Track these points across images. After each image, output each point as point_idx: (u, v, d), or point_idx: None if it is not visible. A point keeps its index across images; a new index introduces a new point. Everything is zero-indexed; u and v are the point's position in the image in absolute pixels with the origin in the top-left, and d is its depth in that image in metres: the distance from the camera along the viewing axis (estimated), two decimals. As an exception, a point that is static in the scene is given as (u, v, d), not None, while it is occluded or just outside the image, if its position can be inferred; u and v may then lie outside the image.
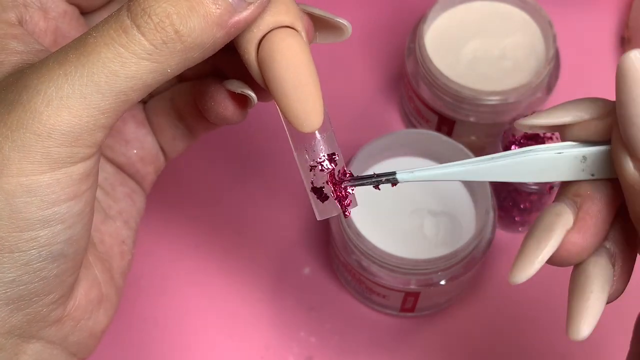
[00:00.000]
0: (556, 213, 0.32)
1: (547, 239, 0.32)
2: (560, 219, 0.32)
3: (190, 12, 0.29)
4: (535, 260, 0.32)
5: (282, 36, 0.31)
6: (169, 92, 0.40)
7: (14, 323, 0.31)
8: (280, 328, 0.58)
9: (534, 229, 0.33)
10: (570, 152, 0.33)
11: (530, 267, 0.32)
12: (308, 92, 0.32)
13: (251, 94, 0.35)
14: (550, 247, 0.32)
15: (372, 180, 0.35)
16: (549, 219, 0.32)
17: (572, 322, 0.32)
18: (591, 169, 0.33)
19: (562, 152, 0.33)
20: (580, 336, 0.31)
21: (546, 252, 0.32)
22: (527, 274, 0.32)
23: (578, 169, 0.33)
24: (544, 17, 0.59)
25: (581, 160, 0.33)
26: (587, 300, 0.32)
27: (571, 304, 0.32)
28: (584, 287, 0.32)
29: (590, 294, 0.32)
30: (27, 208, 0.29)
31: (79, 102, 0.29)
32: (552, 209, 0.33)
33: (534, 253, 0.32)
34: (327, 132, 0.34)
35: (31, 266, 0.30)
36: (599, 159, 0.32)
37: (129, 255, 0.40)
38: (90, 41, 0.29)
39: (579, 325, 0.31)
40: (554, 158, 0.33)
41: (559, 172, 0.33)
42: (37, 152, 0.29)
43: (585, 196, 0.32)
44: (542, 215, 0.33)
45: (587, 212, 0.32)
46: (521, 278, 0.32)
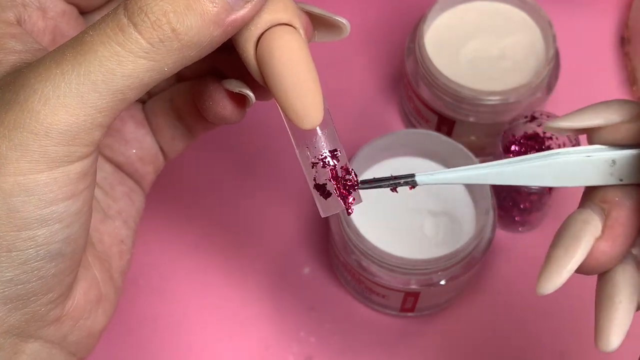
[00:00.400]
0: (583, 220, 0.32)
1: (575, 248, 0.31)
2: (588, 226, 0.31)
3: (187, 10, 0.29)
4: (563, 270, 0.31)
5: (280, 34, 0.31)
6: (168, 92, 0.40)
7: (12, 322, 0.31)
8: (280, 328, 0.58)
9: (561, 237, 0.32)
10: (599, 156, 0.32)
11: (559, 278, 0.31)
12: (307, 89, 0.31)
13: (249, 93, 0.35)
14: (579, 256, 0.31)
15: (390, 182, 0.34)
16: (576, 227, 0.32)
17: (601, 334, 0.31)
18: (620, 173, 0.32)
19: (591, 155, 0.32)
20: (611, 348, 0.31)
21: (575, 261, 0.31)
22: (556, 285, 0.31)
23: (606, 173, 0.32)
24: (544, 17, 0.59)
25: (610, 165, 0.32)
26: (616, 310, 0.31)
27: (599, 315, 0.31)
28: (612, 296, 0.31)
29: (619, 304, 0.31)
30: (24, 207, 0.29)
31: (76, 101, 0.29)
32: (579, 215, 0.32)
33: (562, 263, 0.31)
34: (328, 128, 0.34)
35: (29, 265, 0.30)
36: (628, 163, 0.31)
37: (128, 254, 0.40)
38: (87, 40, 0.29)
39: (608, 336, 0.31)
40: (583, 161, 0.32)
41: (587, 176, 0.32)
42: (34, 151, 0.29)
43: (614, 202, 0.32)
44: (569, 223, 0.32)
45: (616, 219, 0.31)
46: (549, 289, 0.31)
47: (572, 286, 0.58)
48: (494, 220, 0.54)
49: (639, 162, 0.31)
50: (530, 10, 0.60)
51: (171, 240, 0.61)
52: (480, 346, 0.58)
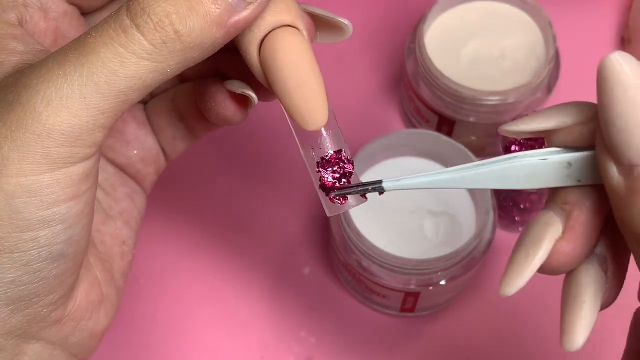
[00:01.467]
0: (545, 222, 0.32)
1: (536, 250, 0.31)
2: (548, 228, 0.32)
3: (190, 12, 0.29)
4: (524, 271, 0.31)
5: (284, 35, 0.31)
6: (170, 93, 0.40)
7: (14, 323, 0.31)
8: (280, 328, 0.58)
9: (522, 239, 0.32)
10: (555, 158, 0.32)
11: (520, 279, 0.31)
12: (311, 90, 0.31)
13: (251, 94, 0.35)
14: (539, 257, 0.31)
15: (359, 189, 0.34)
16: (537, 229, 0.32)
17: (566, 333, 0.31)
18: (577, 174, 0.32)
19: (547, 158, 0.32)
20: (574, 347, 0.31)
21: (535, 262, 0.31)
22: (517, 286, 0.31)
23: (563, 175, 0.32)
24: (544, 17, 0.59)
25: (566, 167, 0.32)
26: (580, 310, 0.31)
27: (564, 315, 0.32)
28: (576, 296, 0.32)
29: (583, 304, 0.31)
30: (26, 208, 0.29)
31: (78, 102, 0.29)
32: (541, 218, 0.32)
33: (523, 264, 0.31)
34: (333, 129, 0.34)
35: (31, 266, 0.30)
36: (584, 165, 0.32)
37: (130, 255, 0.40)
38: (90, 41, 0.29)
39: (572, 335, 0.31)
40: (538, 164, 0.32)
41: (545, 178, 0.32)
42: (36, 152, 0.29)
43: (574, 204, 0.32)
44: (531, 225, 0.32)
45: (576, 220, 0.32)
46: (511, 290, 0.31)
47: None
48: (494, 220, 0.54)
49: (593, 164, 0.31)
50: (530, 10, 0.60)
51: (172, 240, 0.61)
52: (480, 346, 0.58)
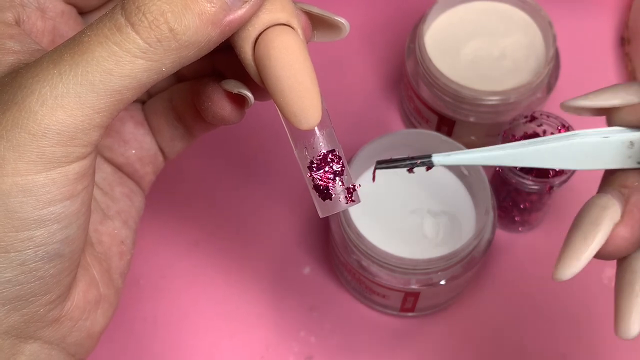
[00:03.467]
0: (602, 206, 0.31)
1: (594, 234, 0.31)
2: (607, 211, 0.31)
3: (185, 10, 0.29)
4: (582, 255, 0.31)
5: (278, 34, 0.31)
6: (168, 92, 0.40)
7: (11, 323, 0.31)
8: (280, 328, 0.58)
9: (579, 222, 0.31)
10: (617, 137, 0.31)
11: (577, 263, 0.31)
12: (305, 89, 0.31)
13: (248, 93, 0.35)
14: (597, 241, 0.31)
15: (407, 162, 0.34)
16: (595, 212, 0.31)
17: (621, 321, 0.30)
18: (638, 156, 0.31)
19: (609, 136, 0.31)
20: (631, 334, 0.30)
21: (593, 247, 0.31)
22: (574, 270, 0.31)
23: (624, 156, 0.31)
24: (544, 17, 0.59)
25: (628, 146, 0.31)
26: (637, 296, 0.30)
27: (619, 301, 0.31)
28: (632, 283, 0.31)
29: (639, 291, 0.31)
30: (22, 208, 0.29)
31: (73, 102, 0.29)
32: (598, 200, 0.31)
33: (581, 248, 0.31)
34: (327, 129, 0.34)
35: (27, 266, 0.30)
36: None
37: (128, 255, 0.40)
38: (85, 40, 0.29)
39: (628, 323, 0.30)
40: (600, 143, 0.31)
41: (603, 158, 0.32)
42: (32, 152, 0.29)
43: (633, 187, 0.31)
44: (588, 208, 0.31)
45: (635, 204, 0.31)
46: (567, 274, 0.31)
47: (573, 287, 0.58)
48: (494, 220, 0.54)
49: None
50: (530, 10, 0.60)
51: (171, 240, 0.61)
52: (480, 346, 0.58)
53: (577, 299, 0.57)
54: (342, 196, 0.34)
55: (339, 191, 0.34)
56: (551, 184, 0.55)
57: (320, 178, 0.34)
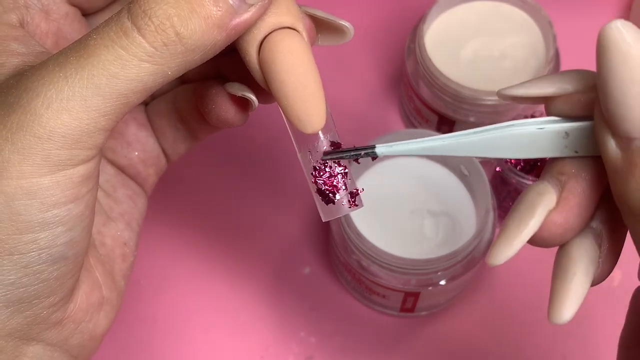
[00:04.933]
0: (538, 192, 0.31)
1: (527, 219, 0.31)
2: (542, 198, 0.31)
3: (191, 14, 0.29)
4: (514, 240, 0.30)
5: (283, 37, 0.31)
6: (171, 94, 0.40)
7: (14, 325, 0.31)
8: (280, 328, 0.58)
9: (515, 209, 0.31)
10: (552, 128, 0.31)
11: (510, 248, 0.31)
12: (310, 93, 0.31)
13: (252, 96, 0.35)
14: (531, 227, 0.30)
15: (351, 154, 0.34)
16: (530, 198, 0.31)
17: (553, 305, 0.30)
18: (574, 145, 0.31)
19: (544, 127, 0.31)
20: (562, 319, 0.30)
21: (526, 232, 0.30)
22: (506, 255, 0.31)
23: (561, 146, 0.31)
24: (544, 17, 0.59)
25: (563, 137, 0.31)
26: (570, 282, 0.30)
27: (553, 287, 0.31)
28: (567, 269, 0.31)
29: (573, 276, 0.30)
30: (27, 210, 0.29)
31: (79, 105, 0.29)
32: (535, 187, 0.31)
33: (514, 233, 0.31)
34: (331, 133, 0.34)
35: (31, 269, 0.30)
36: (582, 135, 0.31)
37: (131, 257, 0.39)
38: (91, 43, 0.29)
39: (560, 308, 0.30)
40: (535, 133, 0.31)
41: (540, 148, 0.31)
42: (37, 155, 0.29)
43: (570, 174, 0.31)
44: (524, 194, 0.31)
45: (570, 191, 0.31)
46: (499, 260, 0.31)
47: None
48: (494, 220, 0.54)
49: (591, 135, 0.30)
50: (530, 10, 0.60)
51: (172, 241, 0.61)
52: (480, 346, 0.58)
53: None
54: (345, 200, 0.34)
55: (342, 195, 0.34)
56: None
57: (324, 182, 0.34)
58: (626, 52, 0.27)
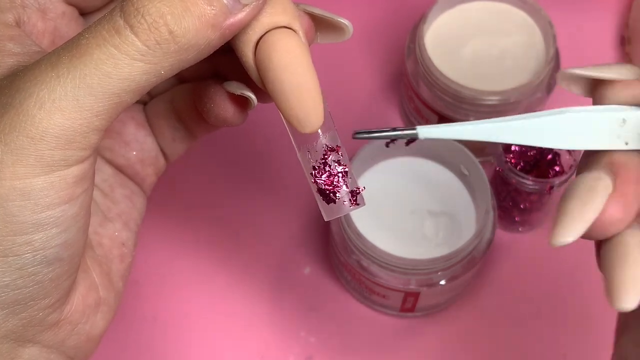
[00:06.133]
0: (594, 178, 0.31)
1: (592, 199, 0.30)
2: (600, 182, 0.30)
3: (185, 13, 0.28)
4: (581, 219, 0.30)
5: (279, 37, 0.31)
6: (169, 94, 0.40)
7: (10, 327, 0.31)
8: (280, 328, 0.58)
9: (574, 192, 0.30)
10: (610, 113, 0.31)
11: (576, 228, 0.30)
12: (307, 93, 0.31)
13: (251, 95, 0.35)
14: (595, 207, 0.30)
15: (391, 134, 0.33)
16: (588, 183, 0.30)
17: (617, 291, 0.29)
18: (627, 135, 0.31)
19: (601, 112, 0.31)
20: (630, 305, 0.29)
21: (592, 212, 0.30)
22: (573, 235, 0.30)
23: (614, 135, 0.31)
24: (544, 17, 0.59)
25: (620, 124, 0.31)
26: (630, 267, 0.29)
27: (613, 274, 0.30)
28: (627, 255, 0.30)
29: (633, 262, 0.30)
30: (21, 212, 0.29)
31: (71, 105, 0.28)
32: (589, 174, 0.31)
33: (579, 213, 0.30)
34: (330, 132, 0.34)
35: (26, 270, 0.30)
36: (638, 124, 0.30)
37: (129, 258, 0.39)
38: (83, 42, 0.29)
39: (626, 293, 0.29)
40: (591, 118, 0.31)
41: (595, 136, 0.31)
42: (30, 156, 0.28)
43: (621, 164, 0.31)
44: (580, 180, 0.31)
45: (626, 178, 0.30)
46: (566, 239, 0.30)
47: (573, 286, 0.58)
48: (494, 220, 0.54)
49: None
50: (530, 10, 0.60)
51: (172, 241, 0.61)
52: (480, 346, 0.58)
53: (578, 298, 0.57)
54: (346, 199, 0.34)
55: (344, 194, 0.34)
56: (551, 184, 0.55)
57: (324, 182, 0.34)
58: None
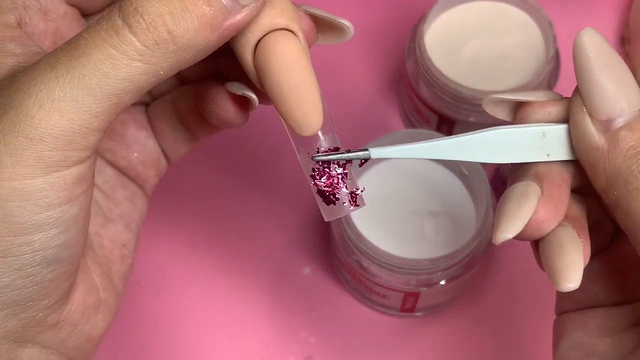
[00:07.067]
0: (525, 185, 0.33)
1: (525, 201, 0.32)
2: (531, 188, 0.33)
3: (184, 13, 0.28)
4: (518, 217, 0.32)
5: (278, 39, 0.31)
6: (171, 95, 0.40)
7: (9, 328, 0.31)
8: (280, 328, 0.58)
9: (509, 197, 0.33)
10: (531, 129, 0.34)
11: (514, 225, 0.32)
12: (305, 95, 0.31)
13: (252, 95, 0.34)
14: (529, 207, 0.32)
15: (344, 155, 0.34)
16: (520, 189, 0.33)
17: (563, 275, 0.31)
18: (548, 147, 0.34)
19: (524, 128, 0.34)
20: (575, 284, 0.31)
21: (527, 210, 0.32)
22: (512, 232, 0.32)
23: (536, 147, 0.34)
24: (544, 17, 0.59)
25: (541, 137, 0.34)
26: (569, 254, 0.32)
27: (554, 262, 0.32)
28: (563, 245, 0.32)
29: (570, 247, 0.32)
30: (20, 212, 0.29)
31: (70, 105, 0.28)
32: (519, 182, 0.33)
33: (515, 213, 0.32)
34: (329, 134, 0.33)
35: (25, 271, 0.30)
36: (556, 137, 0.34)
37: (130, 259, 0.39)
38: (82, 43, 0.29)
39: (570, 274, 0.31)
40: (516, 132, 0.34)
41: (519, 149, 0.34)
42: (29, 156, 0.28)
43: (545, 172, 0.33)
44: (513, 188, 0.33)
45: (551, 183, 0.33)
46: (507, 235, 0.32)
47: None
48: (494, 220, 0.54)
49: (565, 136, 0.33)
50: (530, 10, 0.60)
51: (172, 241, 0.61)
52: (480, 346, 0.58)
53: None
54: (346, 200, 0.34)
55: (343, 195, 0.34)
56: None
57: (324, 183, 0.34)
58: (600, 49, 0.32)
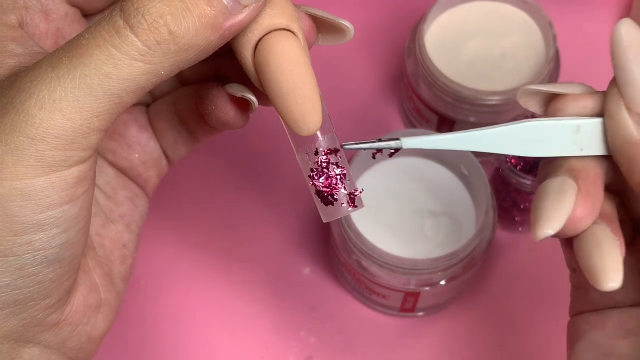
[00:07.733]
0: (561, 181, 0.33)
1: (564, 198, 0.32)
2: (567, 184, 0.32)
3: (185, 13, 0.28)
4: (558, 214, 0.32)
5: (277, 39, 0.31)
6: (172, 96, 0.40)
7: (10, 327, 0.31)
8: (280, 328, 0.58)
9: (546, 194, 0.32)
10: (566, 122, 0.33)
11: (555, 222, 0.31)
12: (304, 95, 0.31)
13: (252, 97, 0.34)
14: (568, 204, 0.32)
15: (375, 144, 0.34)
16: (558, 185, 0.32)
17: (604, 275, 0.31)
18: (581, 142, 0.33)
19: (559, 121, 0.34)
20: (617, 284, 0.31)
21: (567, 207, 0.32)
22: (554, 228, 0.31)
23: (570, 142, 0.33)
24: (544, 17, 0.59)
25: (575, 131, 0.33)
26: (609, 253, 0.31)
27: (594, 262, 0.31)
28: (601, 244, 0.32)
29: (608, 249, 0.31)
30: (21, 212, 0.29)
31: (71, 105, 0.28)
32: (556, 179, 0.33)
33: (555, 210, 0.32)
34: (328, 134, 0.33)
35: (26, 270, 0.30)
36: (590, 131, 0.33)
37: (130, 259, 0.39)
38: (83, 43, 0.29)
39: (611, 274, 0.31)
40: (550, 125, 0.33)
41: (551, 143, 0.33)
42: (30, 156, 0.28)
43: (580, 168, 0.33)
44: (549, 184, 0.33)
45: (586, 181, 0.32)
46: (548, 231, 0.31)
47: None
48: (494, 220, 0.54)
49: (599, 130, 0.33)
50: (530, 10, 0.60)
51: (172, 240, 0.61)
52: (481, 346, 0.58)
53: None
54: (344, 201, 0.34)
55: (342, 196, 0.34)
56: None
57: (323, 184, 0.34)
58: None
